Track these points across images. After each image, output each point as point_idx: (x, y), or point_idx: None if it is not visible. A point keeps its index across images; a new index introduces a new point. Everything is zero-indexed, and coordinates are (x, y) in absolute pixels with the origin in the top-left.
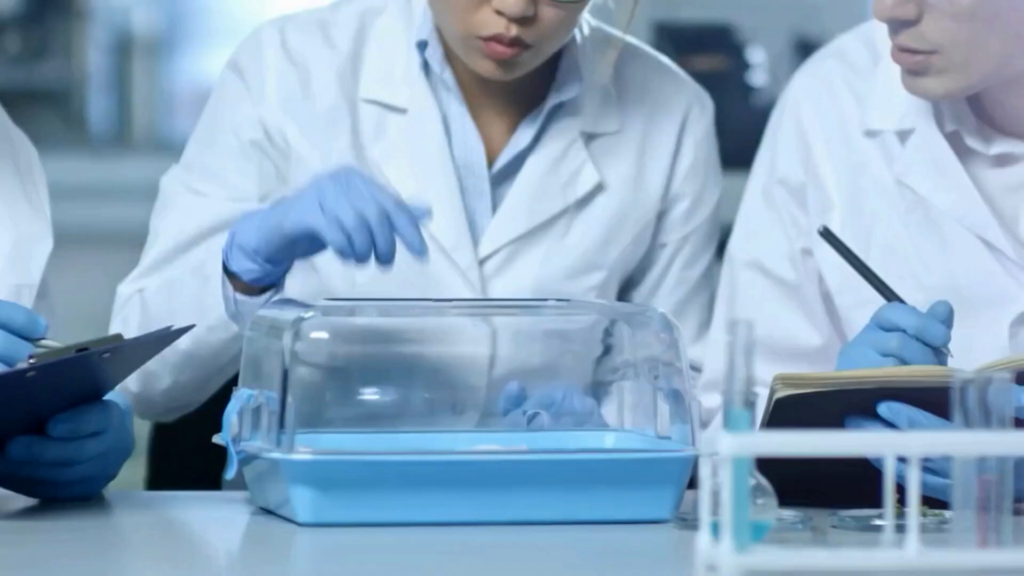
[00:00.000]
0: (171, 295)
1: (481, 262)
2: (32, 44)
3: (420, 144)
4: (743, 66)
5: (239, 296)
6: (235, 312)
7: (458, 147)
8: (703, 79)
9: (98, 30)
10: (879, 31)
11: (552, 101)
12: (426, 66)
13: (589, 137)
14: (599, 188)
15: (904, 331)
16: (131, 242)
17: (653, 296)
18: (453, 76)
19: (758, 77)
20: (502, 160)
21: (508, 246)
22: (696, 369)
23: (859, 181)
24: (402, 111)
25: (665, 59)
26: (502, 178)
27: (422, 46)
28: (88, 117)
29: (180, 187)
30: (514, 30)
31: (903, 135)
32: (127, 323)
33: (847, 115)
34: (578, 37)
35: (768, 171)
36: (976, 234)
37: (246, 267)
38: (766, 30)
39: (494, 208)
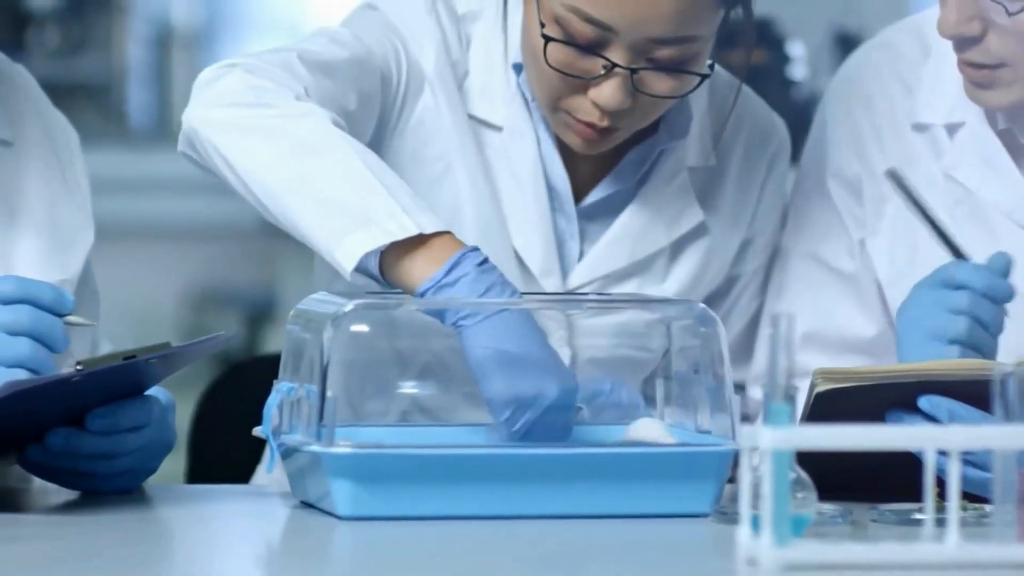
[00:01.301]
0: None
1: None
2: (72, 38)
3: (515, 164)
4: (783, 60)
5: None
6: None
7: (548, 172)
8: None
9: (137, 24)
10: (929, 24)
11: (663, 144)
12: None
13: (691, 171)
14: (700, 226)
15: (972, 288)
16: (170, 235)
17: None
18: None
19: (798, 71)
20: (598, 194)
21: (601, 279)
22: (740, 387)
23: (909, 173)
24: (498, 128)
25: (754, 93)
26: (593, 212)
27: (517, 68)
28: (127, 111)
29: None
30: (607, 121)
31: (951, 128)
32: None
33: (896, 106)
34: None
35: (819, 164)
36: None
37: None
38: (806, 23)
39: (581, 238)
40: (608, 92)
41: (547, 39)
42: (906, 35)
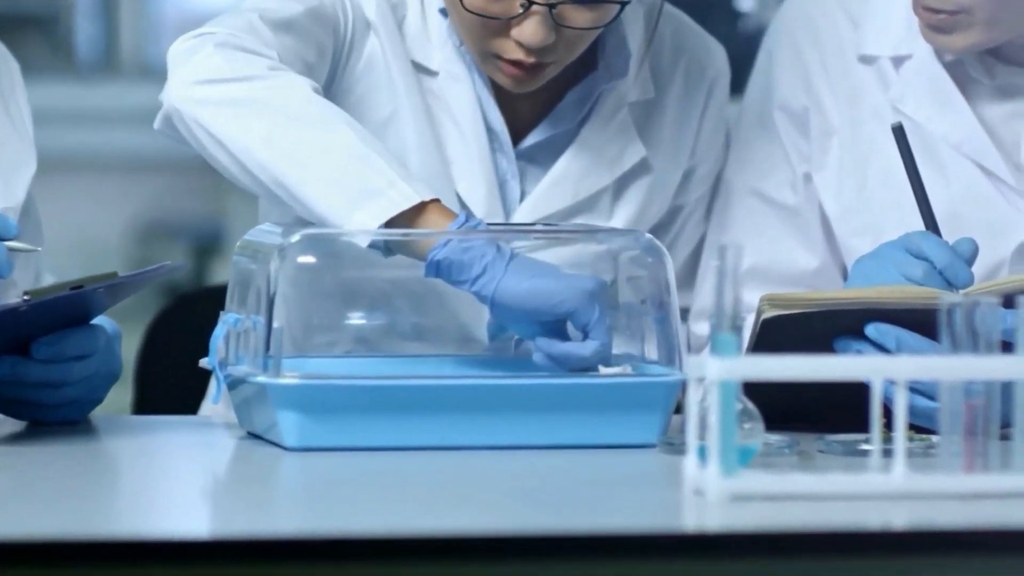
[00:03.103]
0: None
1: None
2: None
3: (453, 108)
4: None
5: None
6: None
7: (485, 114)
8: (690, 5)
9: None
10: None
11: (603, 85)
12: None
13: (630, 106)
14: (643, 162)
15: (932, 263)
16: (117, 167)
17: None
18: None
19: (745, 2)
20: (537, 136)
21: (545, 219)
22: (686, 311)
23: (856, 107)
24: (434, 74)
25: (689, 19)
26: (534, 153)
27: (444, 13)
28: (75, 43)
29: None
30: (533, 58)
31: (898, 61)
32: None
33: (843, 39)
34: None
35: (764, 97)
36: (974, 161)
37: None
38: None
39: (522, 179)
40: (530, 30)
41: None
42: None
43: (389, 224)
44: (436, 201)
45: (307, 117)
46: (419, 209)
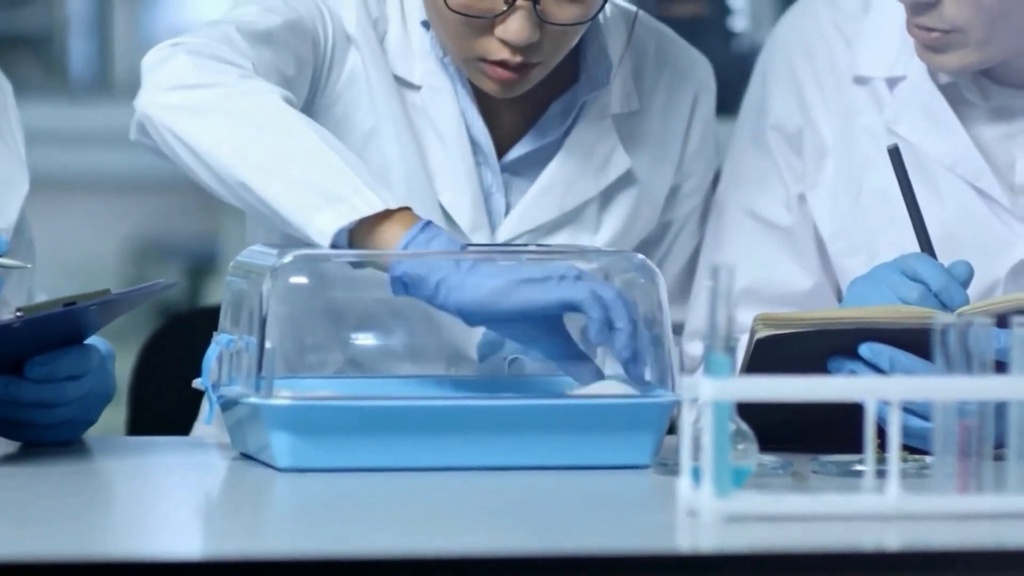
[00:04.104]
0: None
1: None
2: None
3: (436, 121)
4: (723, 11)
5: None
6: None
7: (469, 127)
8: (683, 25)
9: None
10: None
11: (585, 95)
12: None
13: (615, 119)
14: (628, 174)
15: (927, 286)
16: (111, 187)
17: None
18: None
19: (739, 22)
20: (522, 148)
21: (531, 232)
22: (679, 326)
23: (850, 127)
24: (416, 88)
25: (673, 32)
26: (518, 166)
27: (426, 25)
28: (69, 62)
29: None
30: (519, 57)
31: (892, 82)
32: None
33: (838, 60)
34: (600, 19)
35: (759, 116)
36: (969, 182)
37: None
38: None
39: (506, 192)
40: (515, 27)
41: None
42: None
43: (354, 231)
44: (406, 210)
45: (276, 124)
46: (384, 217)
